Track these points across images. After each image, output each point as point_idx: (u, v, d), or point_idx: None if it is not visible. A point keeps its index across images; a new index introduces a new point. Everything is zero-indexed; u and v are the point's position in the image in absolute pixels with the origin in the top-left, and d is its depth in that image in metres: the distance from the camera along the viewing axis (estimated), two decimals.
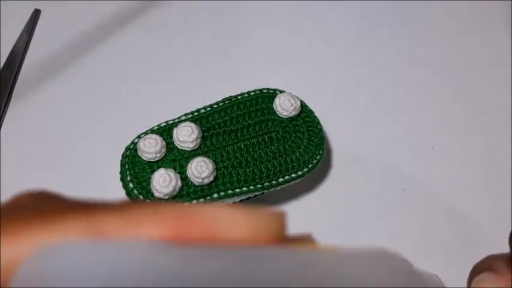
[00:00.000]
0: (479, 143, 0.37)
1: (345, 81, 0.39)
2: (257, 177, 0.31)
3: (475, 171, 0.36)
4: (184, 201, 0.29)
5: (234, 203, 0.32)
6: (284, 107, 0.32)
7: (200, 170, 0.29)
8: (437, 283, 0.13)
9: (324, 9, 0.42)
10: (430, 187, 0.35)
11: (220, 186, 0.30)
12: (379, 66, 0.40)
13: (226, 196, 0.30)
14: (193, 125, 0.30)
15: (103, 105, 0.37)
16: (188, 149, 0.30)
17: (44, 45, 0.38)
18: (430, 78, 0.40)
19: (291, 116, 0.32)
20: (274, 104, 0.32)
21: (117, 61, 0.39)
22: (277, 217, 0.12)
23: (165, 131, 0.31)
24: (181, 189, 0.29)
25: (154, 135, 0.30)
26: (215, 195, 0.30)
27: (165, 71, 0.39)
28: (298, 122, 0.33)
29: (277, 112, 0.32)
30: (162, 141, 0.30)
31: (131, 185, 0.30)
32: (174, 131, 0.30)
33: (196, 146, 0.30)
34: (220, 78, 0.38)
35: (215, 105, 0.32)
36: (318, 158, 0.32)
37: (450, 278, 0.29)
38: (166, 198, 0.29)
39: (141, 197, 0.29)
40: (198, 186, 0.30)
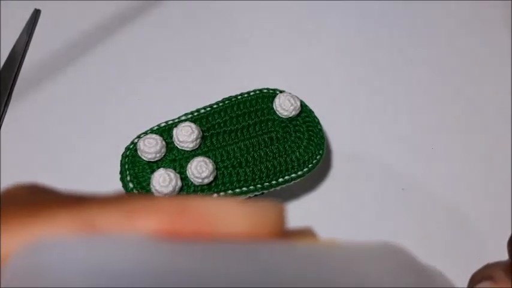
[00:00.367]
0: (479, 143, 0.37)
1: (345, 81, 0.39)
2: (257, 177, 0.31)
3: (475, 171, 0.36)
4: None
5: None
6: (284, 107, 0.32)
7: (200, 170, 0.29)
8: (443, 278, 0.13)
9: (324, 9, 0.42)
10: (430, 187, 0.35)
11: (220, 186, 0.30)
12: (379, 66, 0.40)
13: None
14: (193, 125, 0.30)
15: (103, 105, 0.37)
16: (188, 149, 0.30)
17: (44, 45, 0.38)
18: (430, 78, 0.40)
19: (291, 116, 0.32)
20: (274, 104, 0.32)
21: (117, 61, 0.39)
22: (277, 210, 0.12)
23: (165, 131, 0.31)
24: (181, 189, 0.29)
25: (154, 135, 0.30)
26: (215, 196, 0.30)
27: (165, 71, 0.39)
28: (298, 122, 0.33)
29: (277, 112, 0.32)
30: (162, 141, 0.30)
31: (131, 185, 0.30)
32: (174, 131, 0.30)
33: (196, 146, 0.30)
34: (220, 78, 0.38)
35: (215, 105, 0.32)
36: (318, 158, 0.32)
37: (450, 278, 0.29)
38: None
39: None
40: (198, 186, 0.30)
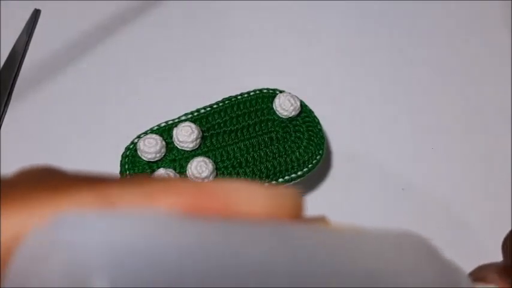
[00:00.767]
0: (479, 143, 0.37)
1: (345, 81, 0.39)
2: (257, 177, 0.31)
3: (475, 171, 0.36)
4: None
5: None
6: (284, 107, 0.32)
7: (200, 170, 0.29)
8: (462, 272, 0.13)
9: (324, 9, 0.42)
10: (430, 187, 0.35)
11: None
12: (379, 66, 0.40)
13: None
14: (193, 125, 0.30)
15: (103, 105, 0.37)
16: (188, 149, 0.30)
17: (44, 45, 0.38)
18: (430, 78, 0.40)
19: (290, 116, 0.32)
20: (274, 104, 0.32)
21: (117, 61, 0.39)
22: (296, 195, 0.11)
23: (165, 131, 0.31)
24: None
25: (154, 135, 0.30)
26: None
27: (165, 71, 0.39)
28: (298, 122, 0.33)
29: (277, 112, 0.32)
30: (162, 141, 0.30)
31: None
32: (174, 131, 0.30)
33: (196, 146, 0.30)
34: (220, 78, 0.38)
35: (215, 105, 0.32)
36: (318, 158, 0.32)
37: None
38: None
39: None
40: None
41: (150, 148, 0.30)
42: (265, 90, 0.33)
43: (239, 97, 0.33)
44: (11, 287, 0.09)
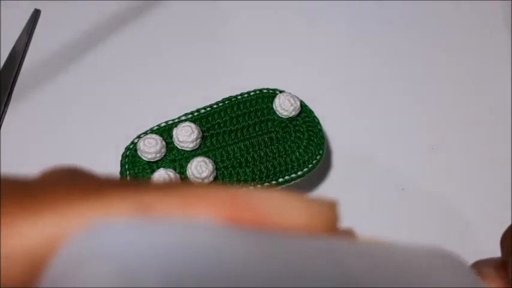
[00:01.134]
0: (479, 143, 0.37)
1: (345, 81, 0.39)
2: (257, 177, 0.31)
3: (475, 171, 0.36)
4: None
5: None
6: (284, 107, 0.32)
7: (200, 170, 0.29)
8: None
9: (324, 9, 0.42)
10: (430, 187, 0.35)
11: None
12: (379, 66, 0.40)
13: None
14: (193, 125, 0.30)
15: (103, 105, 0.37)
16: (188, 149, 0.30)
17: (44, 45, 0.38)
18: (430, 78, 0.40)
19: (290, 116, 0.32)
20: (274, 104, 0.32)
21: (117, 61, 0.39)
22: (332, 206, 0.11)
23: (165, 131, 0.31)
24: None
25: (154, 135, 0.30)
26: None
27: (165, 71, 0.39)
28: (298, 122, 0.33)
29: (277, 112, 0.32)
30: (162, 141, 0.30)
31: None
32: (174, 131, 0.30)
33: (196, 146, 0.30)
34: (220, 78, 0.38)
35: (215, 105, 0.32)
36: (318, 158, 0.32)
37: None
38: None
39: None
40: None
41: (150, 148, 0.30)
42: (265, 90, 0.33)
43: (239, 97, 0.33)
44: None
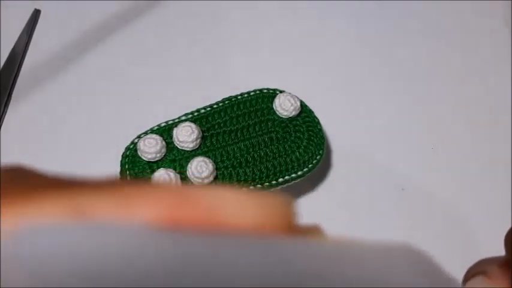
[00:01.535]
0: (479, 143, 0.37)
1: (345, 81, 0.39)
2: (257, 177, 0.31)
3: (475, 171, 0.36)
4: None
5: None
6: (284, 107, 0.32)
7: (200, 170, 0.29)
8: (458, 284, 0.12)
9: (325, 10, 0.42)
10: (430, 187, 0.35)
11: None
12: (379, 66, 0.40)
13: None
14: (193, 125, 0.30)
15: (103, 105, 0.37)
16: (188, 149, 0.30)
17: (44, 45, 0.38)
18: (430, 78, 0.40)
19: (290, 116, 0.32)
20: (274, 104, 0.32)
21: (117, 61, 0.39)
22: (286, 203, 0.11)
23: (165, 131, 0.31)
24: None
25: (154, 135, 0.30)
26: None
27: (165, 71, 0.39)
28: (298, 122, 0.33)
29: (277, 112, 0.32)
30: (162, 141, 0.30)
31: None
32: (174, 131, 0.30)
33: (196, 146, 0.30)
34: (220, 78, 0.38)
35: (215, 105, 0.32)
36: (318, 158, 0.32)
37: None
38: None
39: None
40: None
41: (150, 148, 0.30)
42: (265, 90, 0.33)
43: (239, 97, 0.33)
44: None
